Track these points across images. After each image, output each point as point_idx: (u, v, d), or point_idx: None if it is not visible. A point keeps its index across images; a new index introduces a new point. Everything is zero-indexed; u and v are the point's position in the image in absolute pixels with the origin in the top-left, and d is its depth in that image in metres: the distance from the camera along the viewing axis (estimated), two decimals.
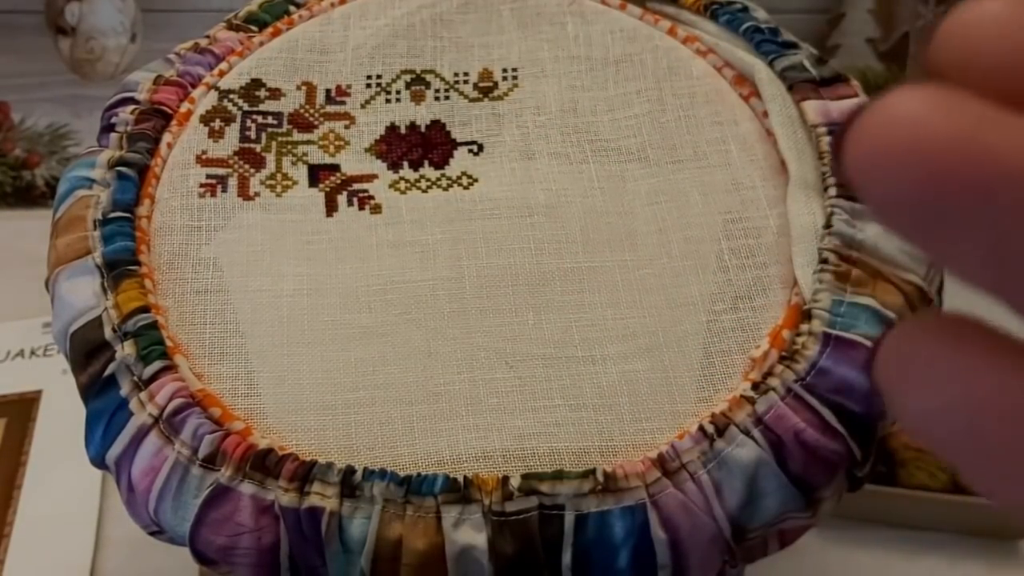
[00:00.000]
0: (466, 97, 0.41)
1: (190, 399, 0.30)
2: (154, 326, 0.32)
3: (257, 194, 0.38)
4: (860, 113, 0.12)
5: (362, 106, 0.41)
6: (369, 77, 0.42)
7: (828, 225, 0.34)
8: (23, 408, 0.60)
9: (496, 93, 0.41)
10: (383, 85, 0.42)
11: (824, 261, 0.33)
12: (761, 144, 0.38)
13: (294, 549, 0.28)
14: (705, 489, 0.29)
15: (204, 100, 0.40)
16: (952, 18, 0.13)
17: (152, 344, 0.31)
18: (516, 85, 0.42)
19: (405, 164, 0.39)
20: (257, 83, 0.41)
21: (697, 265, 0.35)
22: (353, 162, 0.39)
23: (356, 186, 0.38)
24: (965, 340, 0.13)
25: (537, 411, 0.32)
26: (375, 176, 0.39)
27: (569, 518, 0.28)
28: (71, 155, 0.80)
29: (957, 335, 0.13)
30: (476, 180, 0.39)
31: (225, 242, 0.36)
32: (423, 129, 0.40)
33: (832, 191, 0.34)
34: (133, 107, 0.39)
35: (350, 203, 0.38)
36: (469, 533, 0.28)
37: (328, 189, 0.38)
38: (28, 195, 0.78)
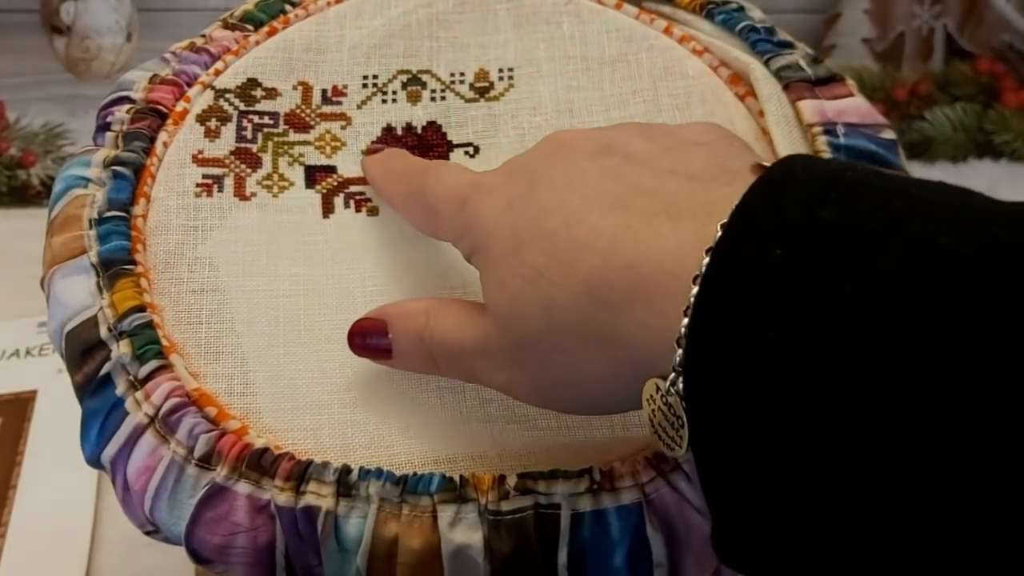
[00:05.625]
0: (462, 97, 0.41)
1: (186, 398, 0.30)
2: (150, 325, 0.32)
3: (253, 194, 0.38)
4: None
5: (358, 106, 0.41)
6: (365, 77, 0.42)
7: None
8: (18, 408, 0.60)
9: (492, 93, 0.41)
10: (379, 85, 0.41)
11: None
12: (757, 144, 0.38)
13: (290, 548, 0.28)
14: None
15: (200, 99, 0.40)
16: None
17: (148, 343, 0.31)
18: (512, 85, 0.42)
19: None
20: (253, 82, 0.41)
21: None
22: (350, 163, 0.39)
23: (353, 188, 0.38)
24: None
25: (533, 410, 0.32)
26: None
27: (565, 517, 0.28)
28: (66, 154, 0.79)
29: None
30: None
31: (221, 242, 0.36)
32: (419, 130, 0.40)
33: None
34: (129, 106, 0.39)
35: (347, 205, 0.38)
36: (465, 532, 0.28)
37: (325, 191, 0.38)
38: (23, 194, 0.78)
